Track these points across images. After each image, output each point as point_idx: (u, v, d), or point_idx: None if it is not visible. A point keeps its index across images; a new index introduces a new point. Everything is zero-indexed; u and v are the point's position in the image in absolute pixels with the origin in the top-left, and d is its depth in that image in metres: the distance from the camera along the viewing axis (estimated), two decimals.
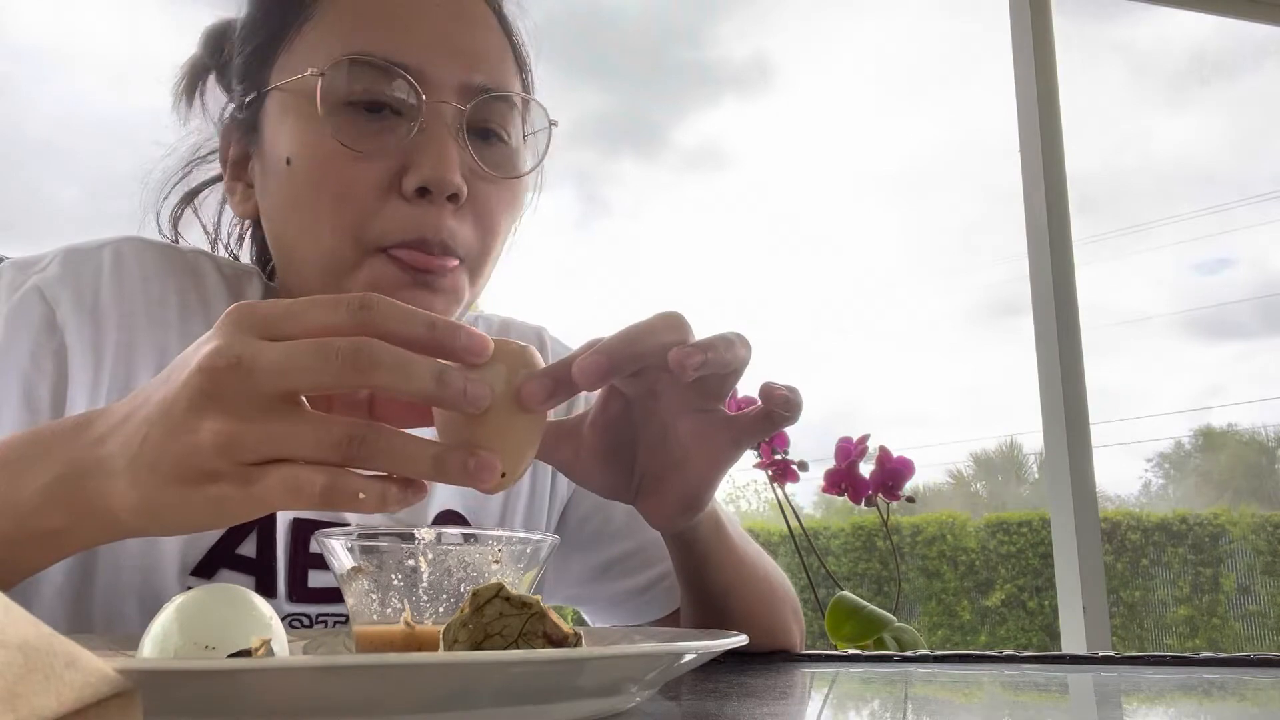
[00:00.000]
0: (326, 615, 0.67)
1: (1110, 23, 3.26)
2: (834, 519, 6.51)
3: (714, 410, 0.54)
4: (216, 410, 0.40)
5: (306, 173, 0.62)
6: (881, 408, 8.60)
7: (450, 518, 0.73)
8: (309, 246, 0.63)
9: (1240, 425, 6.83)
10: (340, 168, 0.61)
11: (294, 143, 0.63)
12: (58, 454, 0.45)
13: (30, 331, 0.61)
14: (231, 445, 0.40)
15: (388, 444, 0.40)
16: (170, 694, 0.31)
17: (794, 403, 0.52)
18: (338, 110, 0.61)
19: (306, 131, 0.62)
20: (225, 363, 0.40)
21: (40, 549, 0.47)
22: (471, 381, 0.41)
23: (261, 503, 0.41)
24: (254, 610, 0.40)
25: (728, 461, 0.55)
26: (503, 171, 0.66)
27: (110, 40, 4.09)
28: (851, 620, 0.87)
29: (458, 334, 0.42)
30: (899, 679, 0.56)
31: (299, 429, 0.40)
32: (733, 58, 8.51)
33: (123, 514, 0.43)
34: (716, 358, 0.49)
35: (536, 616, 0.37)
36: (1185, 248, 5.95)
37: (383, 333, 0.41)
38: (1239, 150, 4.76)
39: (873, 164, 9.01)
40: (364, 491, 0.40)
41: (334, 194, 0.61)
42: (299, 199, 0.63)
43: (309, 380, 0.40)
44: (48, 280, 0.62)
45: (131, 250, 0.66)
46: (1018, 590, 6.49)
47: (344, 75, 0.61)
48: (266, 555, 0.65)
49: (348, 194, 0.61)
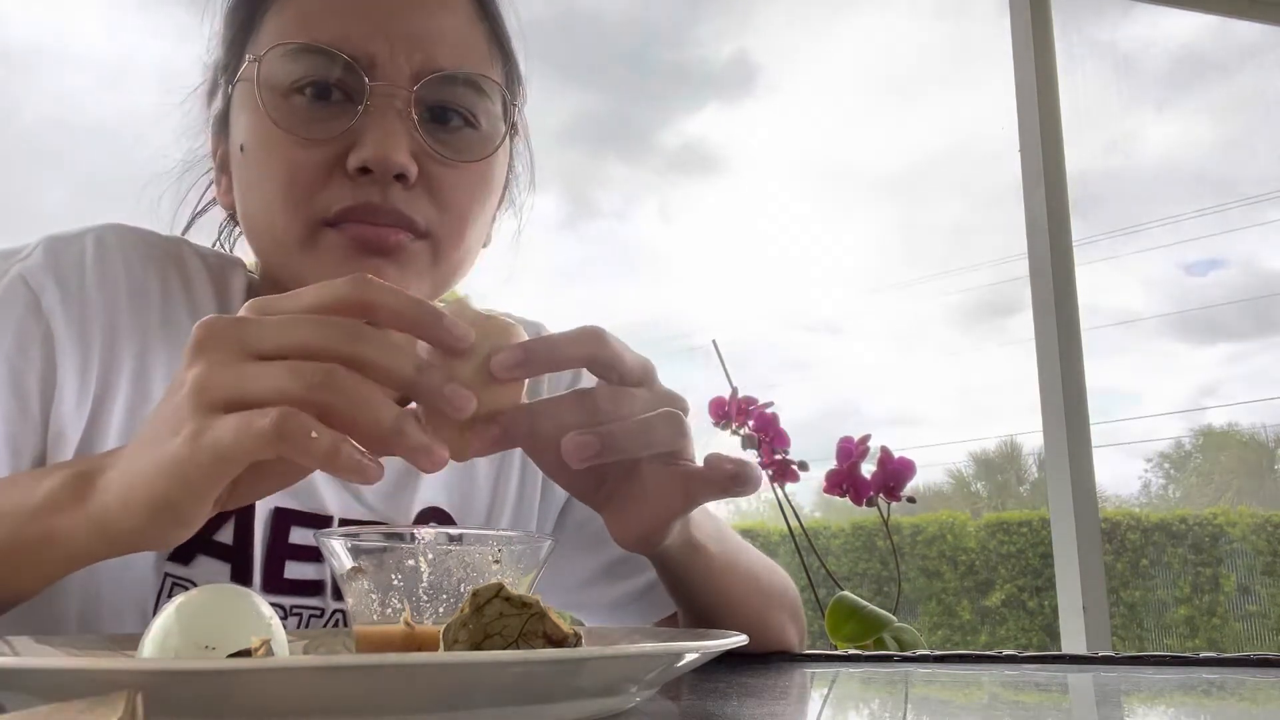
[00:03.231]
0: (301, 608, 0.66)
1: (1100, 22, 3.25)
2: (834, 519, 6.51)
3: (677, 461, 0.53)
4: (202, 360, 0.43)
5: (256, 158, 0.64)
6: (877, 408, 8.61)
7: (434, 515, 0.72)
8: (264, 225, 0.65)
9: (1240, 425, 6.82)
10: (286, 152, 0.62)
11: (246, 131, 0.65)
12: (85, 461, 0.48)
13: (15, 319, 0.61)
14: (202, 386, 0.42)
15: (355, 385, 0.41)
16: (170, 694, 0.31)
17: (742, 476, 0.51)
18: (280, 96, 0.63)
19: (255, 118, 0.63)
20: (225, 321, 0.43)
21: (40, 553, 0.47)
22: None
23: (214, 451, 0.41)
24: (254, 610, 0.40)
25: (680, 512, 0.54)
26: (464, 155, 0.65)
27: (99, 41, 4.09)
28: (851, 620, 0.87)
29: (440, 318, 0.44)
30: (899, 679, 0.56)
31: (268, 368, 0.42)
32: (719, 59, 8.52)
33: (111, 500, 0.44)
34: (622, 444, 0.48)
35: (536, 617, 0.37)
36: (1179, 249, 5.95)
37: (372, 302, 0.43)
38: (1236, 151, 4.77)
39: (861, 165, 9.03)
40: (317, 431, 0.40)
41: (281, 176, 0.62)
42: (251, 182, 0.65)
43: (296, 339, 0.42)
44: (31, 268, 0.62)
45: (113, 237, 0.66)
46: (1018, 590, 6.49)
47: (283, 61, 0.62)
48: (243, 543, 0.65)
49: (294, 176, 0.62)
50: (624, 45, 7.76)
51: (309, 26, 0.63)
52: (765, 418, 1.00)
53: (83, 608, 0.60)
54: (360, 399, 0.41)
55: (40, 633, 0.58)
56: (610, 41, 7.70)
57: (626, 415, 0.49)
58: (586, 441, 0.47)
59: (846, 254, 8.65)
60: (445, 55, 0.64)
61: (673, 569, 0.64)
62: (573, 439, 0.47)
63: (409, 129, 0.62)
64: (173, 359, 0.64)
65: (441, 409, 0.43)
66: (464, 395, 0.43)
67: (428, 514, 0.72)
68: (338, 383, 0.41)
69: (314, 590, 0.67)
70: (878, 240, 9.51)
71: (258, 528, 0.65)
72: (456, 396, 0.43)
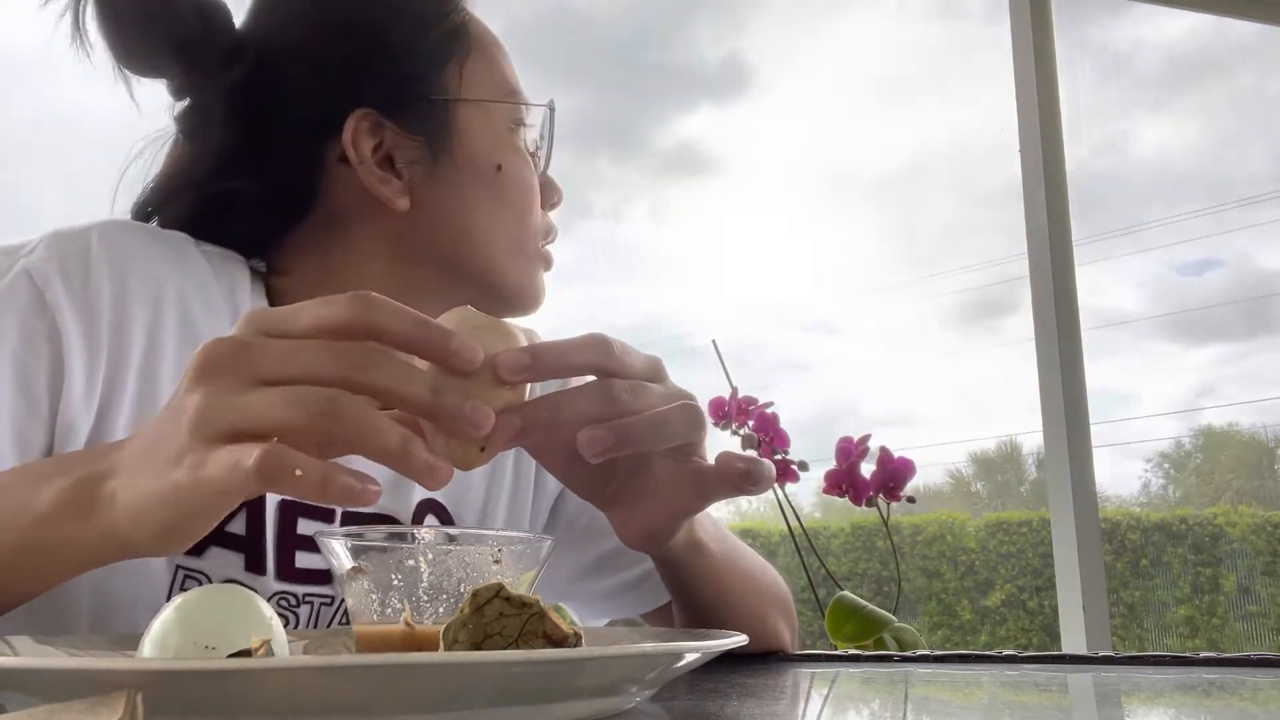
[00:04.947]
0: (313, 596, 0.67)
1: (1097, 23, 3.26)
2: (834, 519, 6.50)
3: (690, 458, 0.53)
4: (204, 386, 0.42)
5: (518, 181, 0.75)
6: (876, 408, 8.59)
7: (431, 507, 0.73)
8: (506, 237, 0.74)
9: (1240, 425, 6.82)
10: (534, 180, 0.77)
11: (505, 155, 0.75)
12: (87, 464, 0.46)
13: (21, 315, 0.60)
14: (204, 415, 0.41)
15: (357, 411, 0.40)
16: (170, 694, 0.31)
17: (754, 475, 0.52)
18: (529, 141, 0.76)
19: (515, 150, 0.75)
20: (228, 346, 0.42)
21: (48, 560, 0.47)
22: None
23: (211, 486, 0.40)
24: (254, 610, 0.40)
25: (690, 511, 0.55)
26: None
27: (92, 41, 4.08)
28: (851, 620, 0.87)
29: (448, 338, 0.43)
30: (899, 679, 0.56)
31: (268, 396, 0.40)
32: (713, 59, 8.51)
33: (120, 515, 0.44)
34: (639, 437, 0.48)
35: (536, 616, 0.37)
36: (1174, 250, 5.95)
37: (378, 327, 0.42)
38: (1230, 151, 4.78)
39: (856, 166, 9.02)
40: (302, 469, 0.39)
41: (533, 200, 0.76)
42: (507, 198, 0.75)
43: (304, 367, 0.41)
44: (35, 263, 0.62)
45: (117, 232, 0.66)
46: (1018, 590, 6.49)
47: (542, 113, 0.77)
48: (255, 533, 0.65)
49: (535, 200, 0.77)
50: (618, 46, 7.75)
51: (511, 81, 0.77)
52: (765, 418, 1.00)
53: (95, 601, 0.61)
54: (364, 425, 0.40)
55: (53, 625, 0.58)
56: (604, 43, 7.70)
57: (645, 408, 0.49)
58: (602, 435, 0.47)
59: (843, 254, 8.64)
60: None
61: (675, 568, 0.64)
62: (589, 432, 0.48)
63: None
64: (181, 352, 0.64)
65: (462, 429, 0.43)
66: (483, 412, 0.43)
67: (425, 506, 0.73)
68: (339, 410, 0.40)
69: (325, 579, 0.68)
70: (875, 241, 9.51)
71: (269, 518, 0.65)
72: (476, 414, 0.43)
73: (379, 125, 0.71)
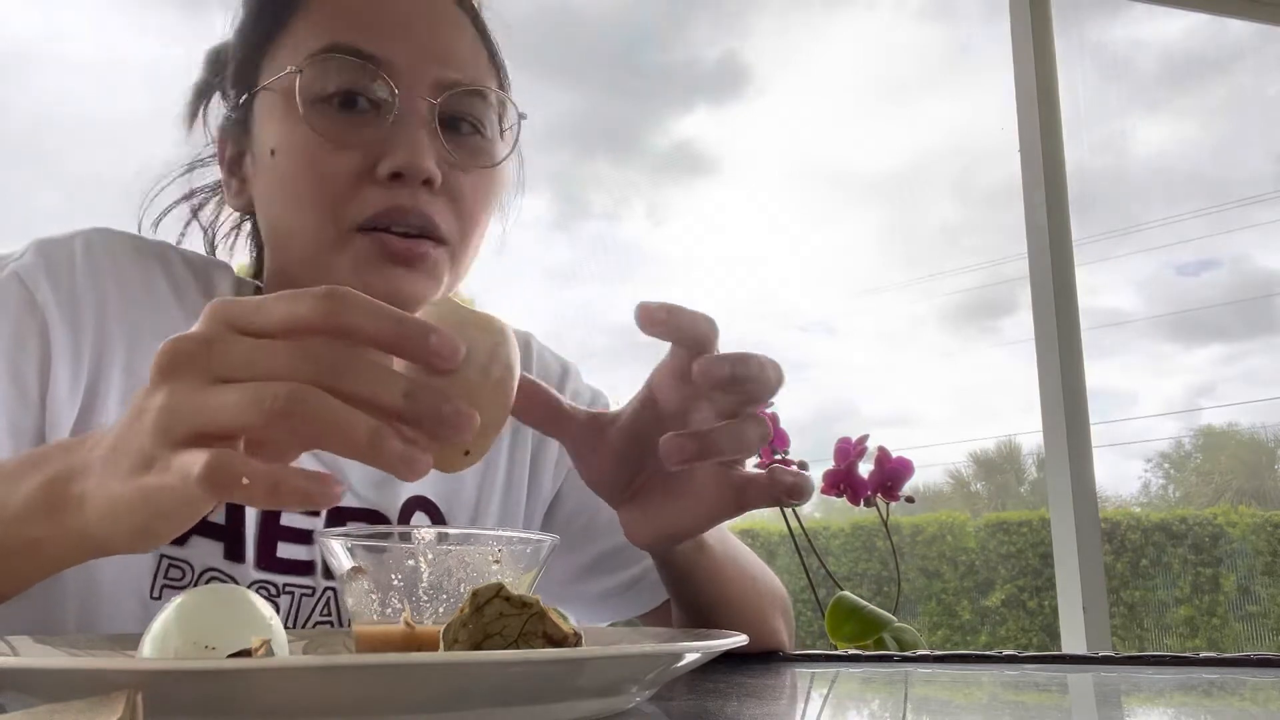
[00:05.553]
0: (294, 586, 0.67)
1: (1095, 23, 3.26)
2: (834, 519, 6.50)
3: (734, 467, 0.54)
4: (166, 385, 0.40)
5: (289, 162, 0.66)
6: (875, 408, 8.60)
7: (420, 504, 0.73)
8: (295, 228, 0.67)
9: (1240, 425, 6.82)
10: (319, 157, 0.65)
11: (277, 136, 0.67)
12: (55, 461, 0.45)
13: (12, 314, 0.63)
14: (166, 418, 0.39)
15: (321, 405, 0.37)
16: (170, 694, 0.31)
17: (798, 489, 0.53)
18: (316, 104, 0.65)
19: (288, 125, 0.66)
20: (189, 344, 0.40)
21: (23, 560, 0.47)
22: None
23: (173, 492, 0.39)
24: (254, 610, 0.40)
25: (726, 516, 0.55)
26: (479, 162, 0.69)
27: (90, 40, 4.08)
28: (851, 620, 0.87)
29: (428, 335, 0.40)
30: (899, 679, 0.56)
31: (228, 394, 0.38)
32: (710, 60, 8.51)
33: (91, 516, 0.43)
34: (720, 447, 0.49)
35: (536, 616, 0.37)
36: (1173, 250, 5.95)
37: (349, 327, 0.39)
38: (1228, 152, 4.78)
39: (854, 166, 9.03)
40: (249, 476, 0.37)
41: (314, 179, 0.65)
42: (284, 184, 0.67)
43: (268, 370, 0.39)
44: (25, 267, 0.65)
45: (101, 240, 0.68)
46: (1018, 590, 6.49)
47: (321, 71, 0.66)
48: (235, 522, 0.66)
49: (326, 179, 0.65)
50: (617, 46, 7.74)
51: (339, 38, 0.66)
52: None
53: (80, 592, 0.61)
54: (328, 419, 0.38)
55: (38, 618, 0.59)
56: (603, 43, 7.69)
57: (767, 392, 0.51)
58: (685, 443, 0.48)
59: (842, 254, 8.63)
60: (459, 68, 0.68)
61: (679, 568, 0.64)
62: (673, 440, 0.49)
63: (432, 137, 0.66)
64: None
65: (441, 433, 0.39)
66: (464, 415, 0.39)
67: (414, 503, 0.72)
68: (299, 409, 0.37)
69: (306, 570, 0.68)
70: (873, 241, 9.51)
71: (250, 508, 0.66)
72: (456, 417, 0.39)
73: (230, 122, 0.73)
